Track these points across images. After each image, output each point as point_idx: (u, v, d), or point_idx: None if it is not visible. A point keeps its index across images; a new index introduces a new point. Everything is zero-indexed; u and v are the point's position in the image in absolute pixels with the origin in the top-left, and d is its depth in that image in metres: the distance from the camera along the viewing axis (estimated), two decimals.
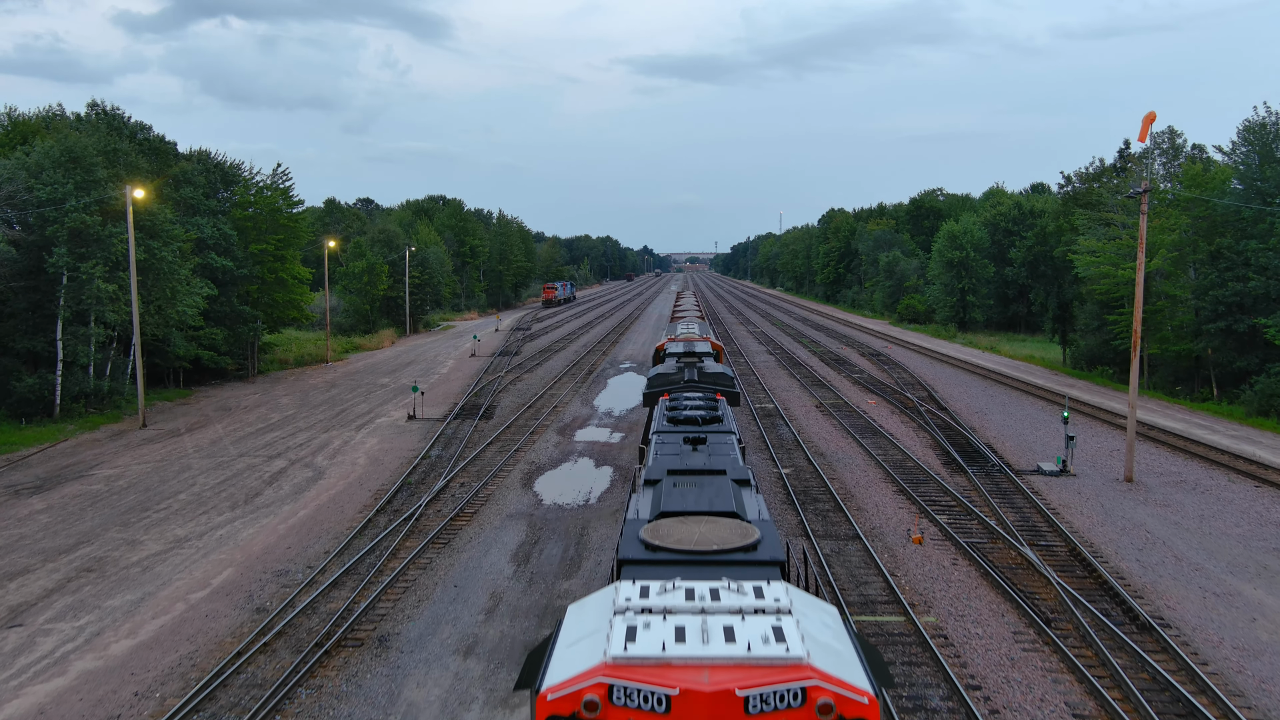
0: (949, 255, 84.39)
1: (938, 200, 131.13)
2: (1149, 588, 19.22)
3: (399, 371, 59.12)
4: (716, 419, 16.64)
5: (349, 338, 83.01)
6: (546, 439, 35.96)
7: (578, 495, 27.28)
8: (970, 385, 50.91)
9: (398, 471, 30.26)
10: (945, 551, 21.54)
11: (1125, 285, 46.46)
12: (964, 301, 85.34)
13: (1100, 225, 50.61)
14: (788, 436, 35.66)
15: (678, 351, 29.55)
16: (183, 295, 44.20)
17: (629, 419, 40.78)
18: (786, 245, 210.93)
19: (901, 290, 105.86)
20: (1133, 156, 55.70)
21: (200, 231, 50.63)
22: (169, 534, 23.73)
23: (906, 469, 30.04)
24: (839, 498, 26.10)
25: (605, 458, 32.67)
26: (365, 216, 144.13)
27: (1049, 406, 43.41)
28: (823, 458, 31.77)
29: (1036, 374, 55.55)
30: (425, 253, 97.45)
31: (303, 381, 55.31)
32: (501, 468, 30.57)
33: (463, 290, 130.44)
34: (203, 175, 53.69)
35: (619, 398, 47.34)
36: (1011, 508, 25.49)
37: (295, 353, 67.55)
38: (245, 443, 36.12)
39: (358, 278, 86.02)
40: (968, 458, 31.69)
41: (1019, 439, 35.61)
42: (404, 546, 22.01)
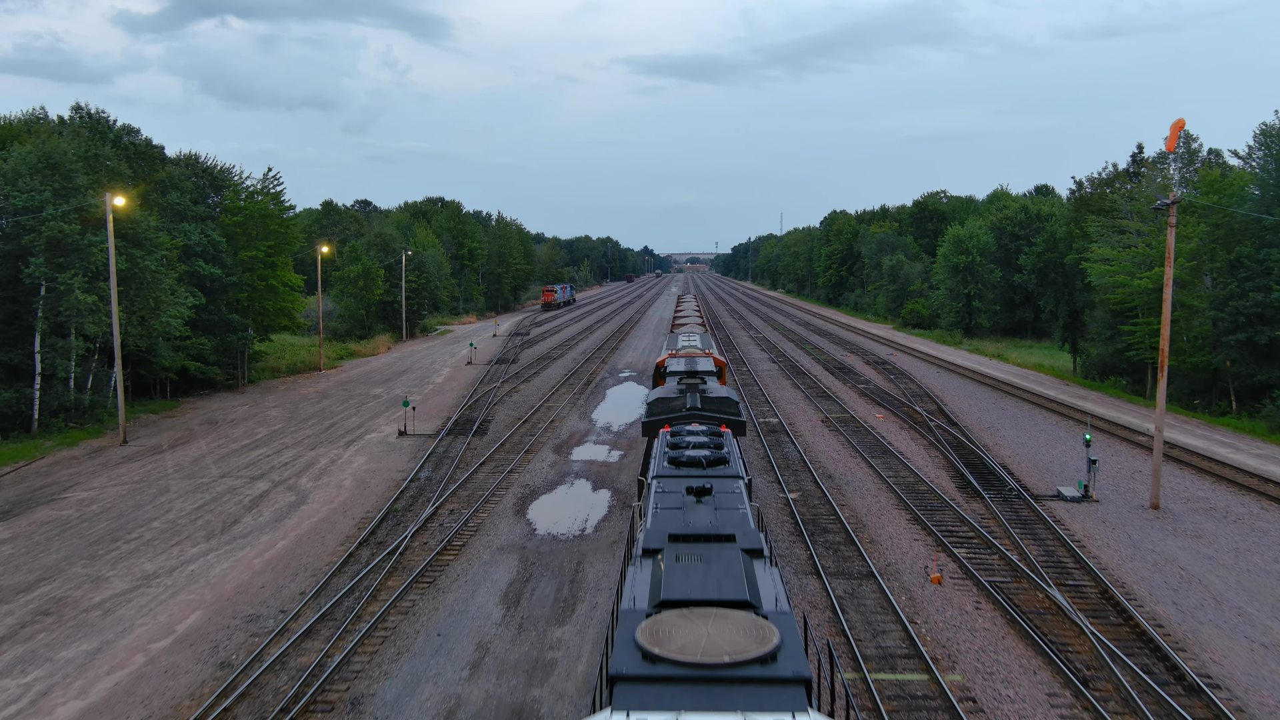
0: (954, 260, 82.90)
1: (941, 203, 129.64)
2: (1190, 637, 17.73)
3: (393, 381, 57.66)
4: (722, 460, 15.17)
5: (344, 343, 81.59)
6: (542, 458, 34.49)
7: (573, 523, 25.81)
8: (980, 397, 49.42)
9: (385, 496, 28.79)
10: (967, 593, 20.05)
11: (1141, 295, 44.98)
12: (969, 307, 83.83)
13: (1114, 232, 49.10)
14: (794, 456, 34.18)
15: (679, 370, 28.07)
16: (167, 305, 42.72)
17: (628, 435, 39.31)
18: (788, 247, 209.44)
19: (905, 294, 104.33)
20: (1147, 161, 54.18)
21: (187, 239, 49.16)
22: (137, 569, 22.26)
23: (919, 494, 28.55)
24: (850, 528, 24.61)
25: (603, 479, 31.19)
26: (363, 219, 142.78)
27: (1063, 421, 41.91)
28: (831, 480, 30.29)
29: (1047, 384, 54.06)
30: (422, 256, 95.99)
31: (294, 391, 53.85)
32: (494, 492, 29.09)
33: (461, 293, 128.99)
34: (190, 180, 52.23)
35: (618, 410, 45.86)
36: (1033, 539, 24.01)
37: (288, 360, 66.12)
38: (228, 461, 34.65)
39: (353, 282, 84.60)
40: (983, 480, 30.20)
41: (1034, 458, 34.12)
42: (385, 587, 20.53)
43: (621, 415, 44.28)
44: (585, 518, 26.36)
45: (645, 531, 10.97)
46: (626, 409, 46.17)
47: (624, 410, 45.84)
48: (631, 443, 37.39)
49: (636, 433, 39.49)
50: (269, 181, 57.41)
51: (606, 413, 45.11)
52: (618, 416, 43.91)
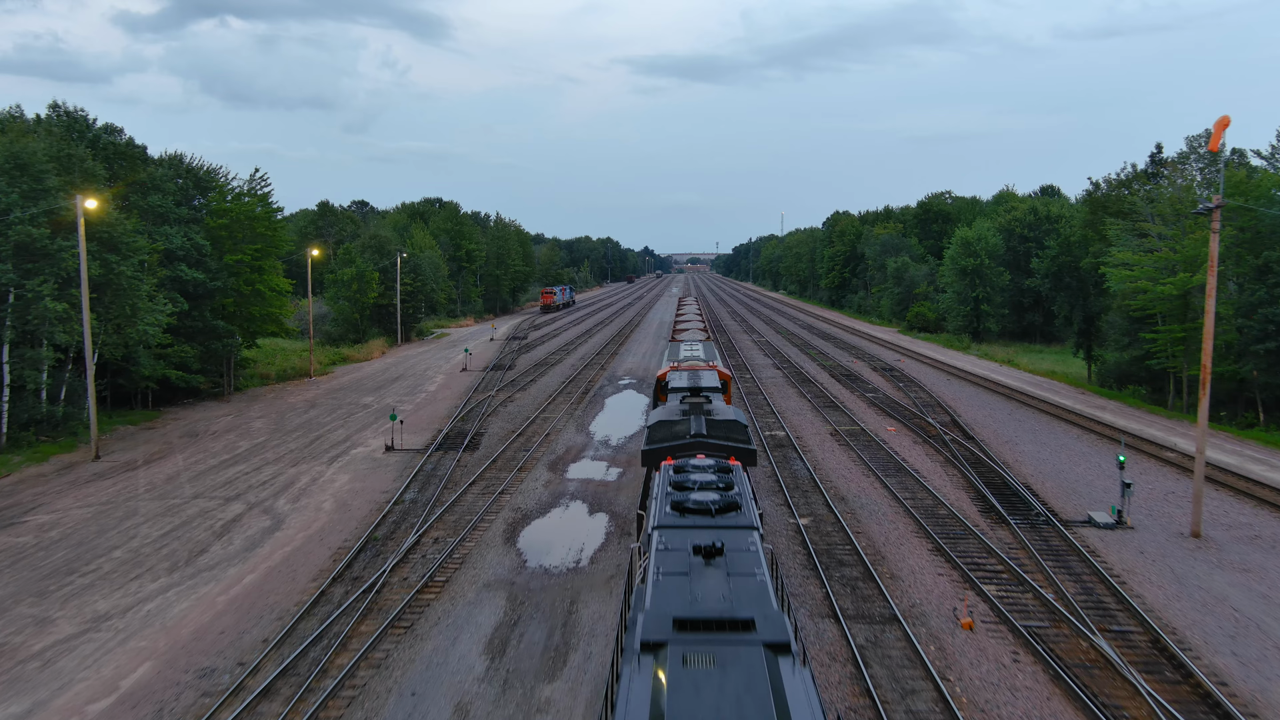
0: (962, 262, 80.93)
1: (946, 204, 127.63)
2: (1259, 698, 15.78)
3: (384, 389, 55.71)
4: (733, 505, 13.22)
5: (337, 348, 79.70)
6: (536, 476, 32.51)
7: (568, 554, 23.84)
8: (994, 407, 47.43)
9: (366, 521, 26.82)
10: (1002, 641, 18.08)
11: (1164, 302, 43.01)
12: (978, 311, 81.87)
13: (1134, 236, 47.12)
14: (803, 474, 32.20)
15: (682, 386, 26.11)
16: (145, 313, 40.77)
17: (628, 449, 37.34)
18: (790, 248, 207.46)
19: (911, 297, 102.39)
20: (1167, 161, 52.20)
21: (169, 242, 47.23)
22: (89, 609, 20.30)
23: (940, 519, 26.58)
24: (868, 560, 22.64)
25: (600, 501, 29.23)
26: (360, 219, 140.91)
27: (1085, 435, 39.93)
28: (844, 503, 28.32)
29: (1062, 393, 52.11)
30: (418, 259, 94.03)
31: (281, 400, 51.92)
32: (483, 516, 27.12)
33: (458, 296, 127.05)
34: (173, 182, 50.30)
35: (617, 422, 43.90)
36: (1068, 573, 22.03)
37: (279, 366, 64.20)
38: (204, 479, 32.70)
39: (347, 285, 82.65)
40: (1007, 504, 28.24)
41: (1058, 477, 32.14)
42: (357, 633, 18.56)
43: (621, 427, 42.32)
44: (580, 547, 24.40)
45: (645, 613, 9.01)
46: (626, 420, 44.22)
47: (623, 422, 43.88)
48: (631, 459, 35.43)
49: (636, 447, 37.53)
50: (256, 182, 55.48)
51: (605, 424, 43.15)
52: (617, 429, 41.95)
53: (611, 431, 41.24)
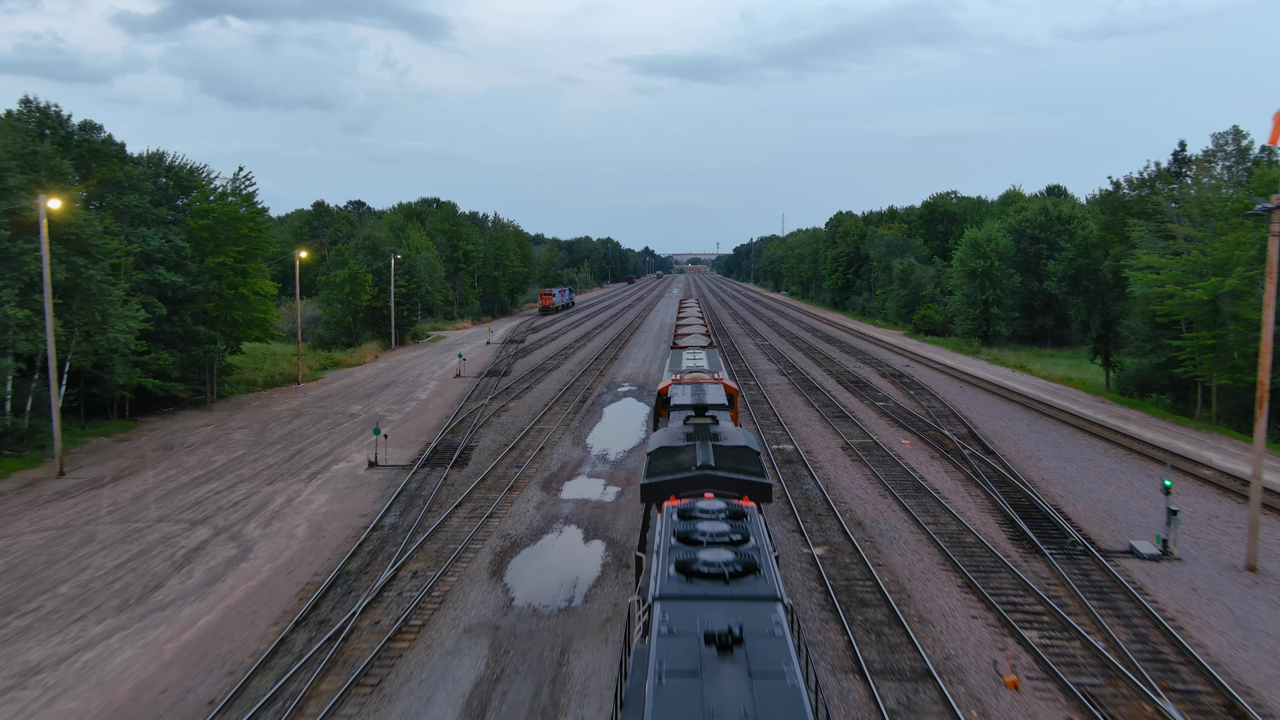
0: (971, 264, 78.67)
1: (951, 204, 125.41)
2: None
3: (374, 396, 53.48)
4: (751, 567, 10.98)
5: (329, 352, 77.53)
6: (528, 497, 30.26)
7: (559, 590, 21.60)
8: (1012, 418, 45.17)
9: (340, 550, 24.58)
10: (1054, 705, 15.84)
11: (1193, 307, 40.74)
12: (987, 314, 79.61)
13: (1159, 238, 44.86)
14: (815, 495, 29.95)
15: (685, 403, 23.86)
16: (115, 319, 38.56)
17: (627, 465, 35.10)
18: (792, 249, 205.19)
19: (917, 300, 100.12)
20: (1191, 160, 49.95)
21: (146, 244, 45.04)
22: (19, 659, 18.07)
23: (967, 548, 24.34)
24: (892, 600, 20.40)
25: (597, 526, 26.98)
26: (355, 220, 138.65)
27: (1112, 450, 37.66)
28: (861, 530, 26.07)
29: (1080, 401, 49.87)
30: (412, 260, 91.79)
31: (266, 409, 49.69)
32: (468, 544, 24.89)
33: (455, 297, 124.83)
34: (150, 181, 48.09)
35: (616, 433, 41.66)
36: (1117, 616, 19.78)
37: (266, 372, 61.99)
38: (173, 499, 30.47)
39: (339, 288, 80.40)
40: (1038, 530, 25.99)
41: (1090, 498, 29.89)
42: (317, 693, 16.32)
43: (620, 440, 40.07)
44: (574, 581, 22.15)
45: None
46: (625, 432, 41.97)
47: (622, 433, 41.63)
48: (630, 476, 33.18)
49: (636, 463, 35.31)
50: (240, 181, 53.25)
51: (603, 437, 40.89)
52: (615, 441, 39.70)
53: (610, 444, 38.99)
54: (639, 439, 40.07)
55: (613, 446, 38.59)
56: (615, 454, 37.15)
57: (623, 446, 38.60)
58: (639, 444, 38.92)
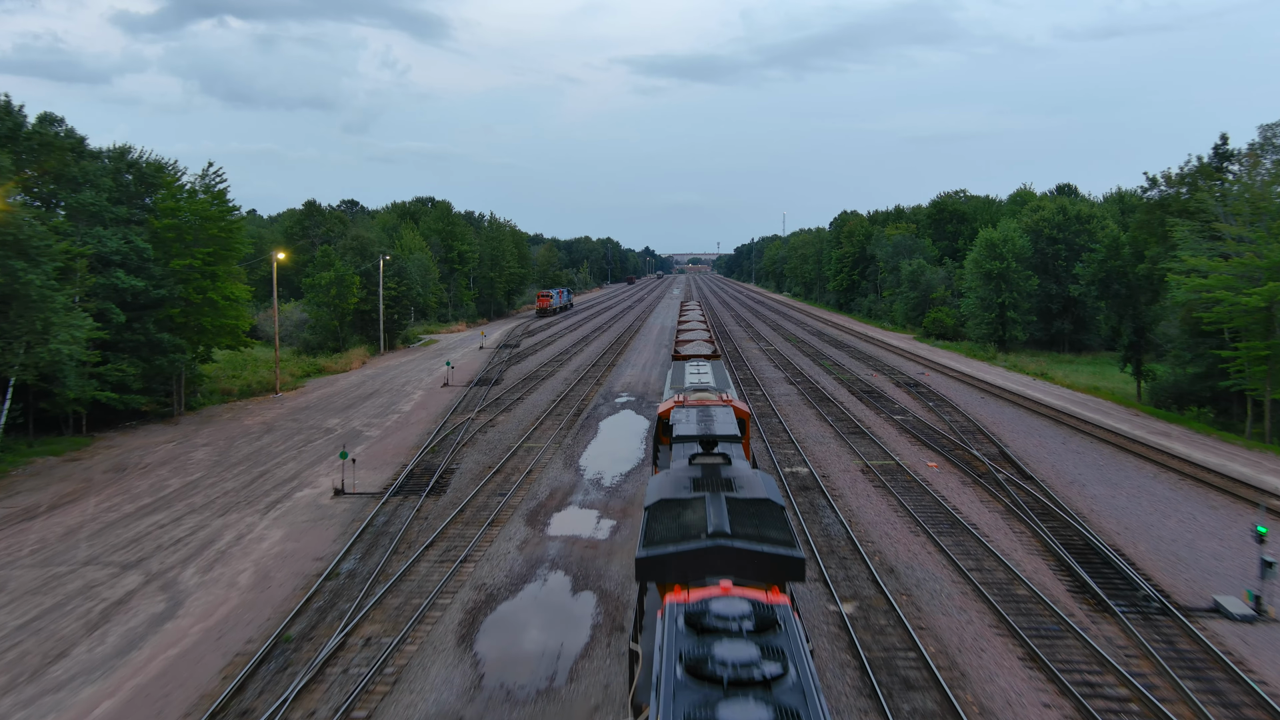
0: (987, 266, 75.05)
1: (960, 203, 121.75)
2: None
3: (354, 408, 49.89)
4: None
5: (314, 358, 73.98)
6: (510, 533, 26.64)
7: (539, 663, 17.99)
8: (1044, 434, 41.55)
9: (284, 607, 20.97)
10: None
11: (1247, 314, 37.14)
12: (1003, 318, 75.99)
13: (1204, 239, 41.22)
14: (836, 531, 26.34)
15: (690, 433, 20.23)
16: (59, 329, 34.97)
17: (624, 492, 31.48)
18: (795, 249, 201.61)
19: (928, 302, 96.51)
20: (1234, 154, 46.31)
21: (102, 245, 41.45)
22: None
23: (1022, 604, 20.72)
24: (942, 678, 16.78)
25: (587, 572, 23.36)
26: (348, 220, 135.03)
27: (1162, 474, 34.04)
28: (894, 578, 22.46)
29: (1113, 414, 46.28)
30: (403, 261, 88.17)
31: (237, 423, 46.10)
32: (435, 597, 21.27)
33: (450, 299, 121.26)
34: (108, 177, 44.50)
35: (612, 452, 38.06)
36: (1221, 703, 16.17)
37: (245, 380, 58.38)
38: (109, 535, 26.89)
39: (325, 290, 76.77)
40: (1100, 578, 22.38)
41: (1150, 535, 26.28)
42: None
43: (616, 460, 36.45)
44: (558, 651, 18.53)
45: None
46: (622, 451, 38.35)
47: (619, 452, 38.02)
48: (627, 506, 29.56)
49: (633, 489, 31.71)
50: (210, 178, 49.65)
51: (598, 456, 37.28)
52: (612, 462, 36.09)
53: (605, 466, 35.37)
54: (637, 459, 36.48)
55: (608, 469, 34.97)
56: (611, 478, 33.53)
57: (619, 469, 34.98)
58: (637, 465, 35.33)
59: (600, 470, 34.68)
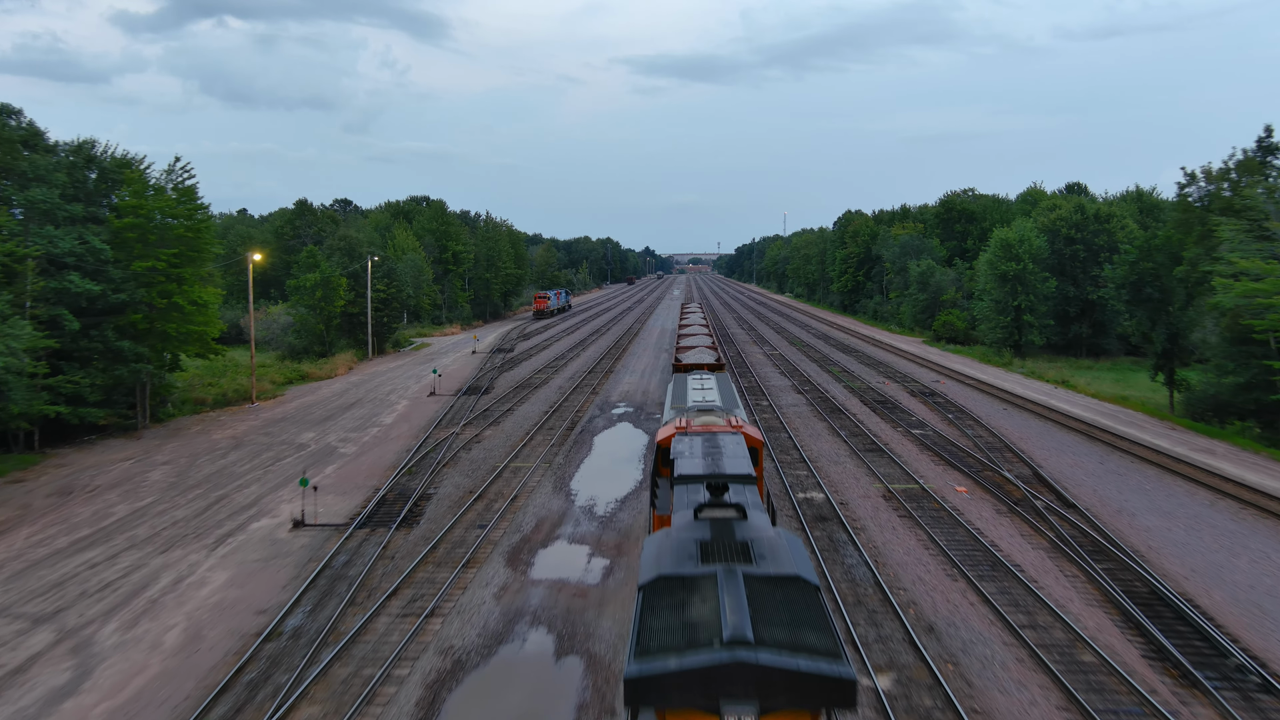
0: (1002, 267, 71.66)
1: (970, 202, 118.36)
2: None
3: (333, 420, 46.55)
4: None
5: (299, 363, 70.66)
6: (487, 576, 23.27)
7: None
8: (1078, 451, 38.19)
9: (210, 678, 17.60)
10: None
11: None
12: (1019, 321, 72.61)
13: (1254, 240, 37.87)
14: (862, 575, 22.97)
15: (694, 472, 16.86)
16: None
17: (618, 522, 28.13)
18: (797, 249, 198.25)
19: (938, 304, 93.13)
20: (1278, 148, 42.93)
21: (53, 246, 38.13)
22: None
23: (1092, 676, 17.35)
24: None
25: (574, 629, 19.98)
26: (341, 219, 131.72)
27: (1219, 500, 30.65)
28: (935, 640, 19.09)
29: (1147, 427, 42.93)
30: (393, 262, 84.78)
31: (205, 436, 42.78)
32: (391, 667, 17.91)
33: (444, 301, 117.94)
34: (64, 172, 41.18)
35: (608, 473, 34.72)
36: None
37: (222, 389, 55.05)
38: (31, 576, 23.55)
39: (310, 293, 73.39)
40: (1177, 637, 19.01)
41: (1220, 577, 22.92)
42: None
43: (612, 483, 33.10)
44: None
45: None
46: (619, 471, 34.99)
47: (615, 473, 34.67)
48: (622, 541, 26.20)
49: (628, 518, 28.37)
50: (176, 173, 46.28)
51: (592, 478, 33.92)
52: (607, 485, 32.73)
53: (599, 490, 32.00)
54: (634, 481, 33.12)
55: (602, 493, 31.60)
56: (605, 504, 30.17)
57: (614, 492, 31.63)
58: (634, 489, 31.97)
59: (593, 495, 31.30)
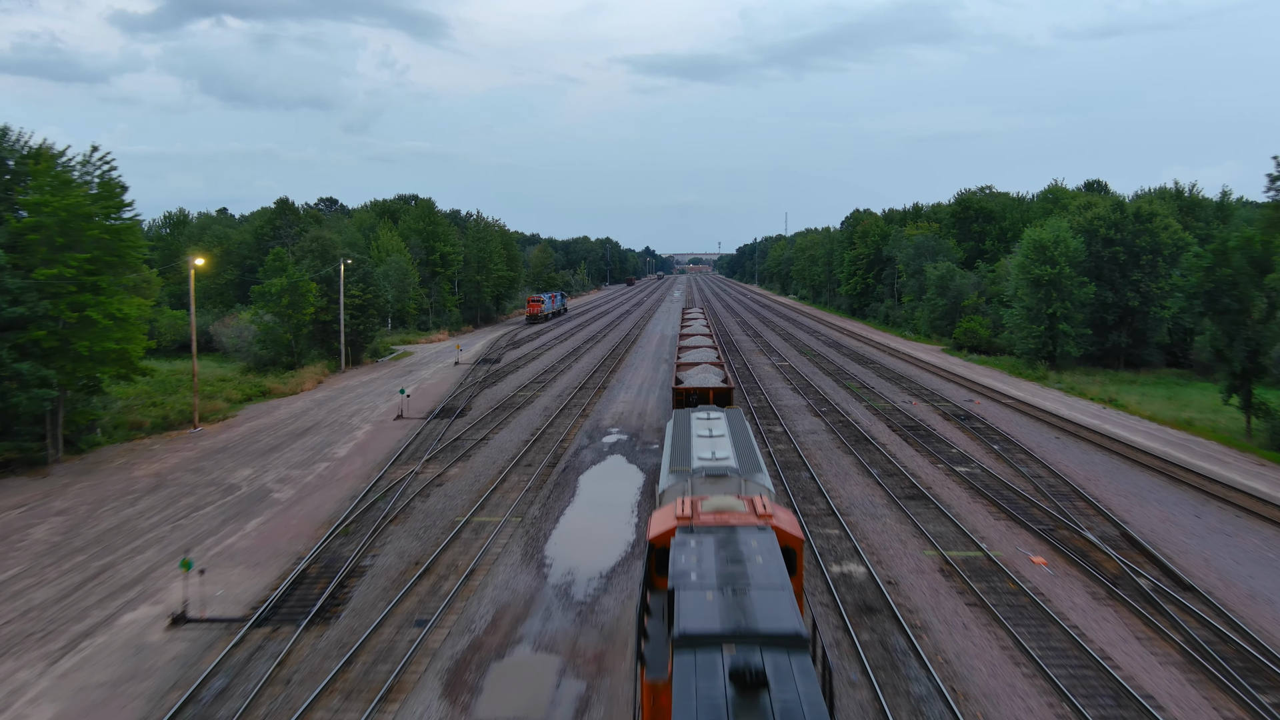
0: (1036, 271, 65.05)
1: (987, 200, 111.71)
2: None
3: (280, 450, 40.03)
4: None
5: (263, 376, 64.21)
6: (412, 715, 16.68)
7: None
8: (1163, 499, 31.59)
9: None
10: None
11: None
12: (1053, 331, 66.03)
13: None
14: (937, 715, 16.38)
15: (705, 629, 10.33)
16: None
17: (601, 615, 21.53)
18: (802, 250, 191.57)
19: (958, 310, 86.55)
20: None
21: None
22: None
23: None
24: None
25: None
26: (324, 218, 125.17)
27: None
28: None
29: (1233, 462, 36.44)
30: (369, 266, 78.16)
31: (125, 473, 36.32)
32: None
33: (431, 305, 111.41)
34: None
35: (592, 529, 28.17)
36: None
37: (166, 409, 48.54)
38: None
39: (276, 299, 66.83)
40: None
41: None
42: None
43: (596, 547, 26.52)
44: None
45: None
46: (606, 528, 28.42)
47: (601, 530, 28.11)
48: (604, 651, 19.61)
49: (615, 606, 21.82)
50: (92, 165, 39.73)
51: (572, 540, 27.34)
52: (589, 552, 26.15)
53: (580, 559, 25.42)
54: (626, 544, 26.58)
55: (584, 563, 25.02)
56: (587, 581, 23.59)
57: (599, 563, 25.05)
58: (624, 558, 25.42)
59: (572, 567, 24.72)
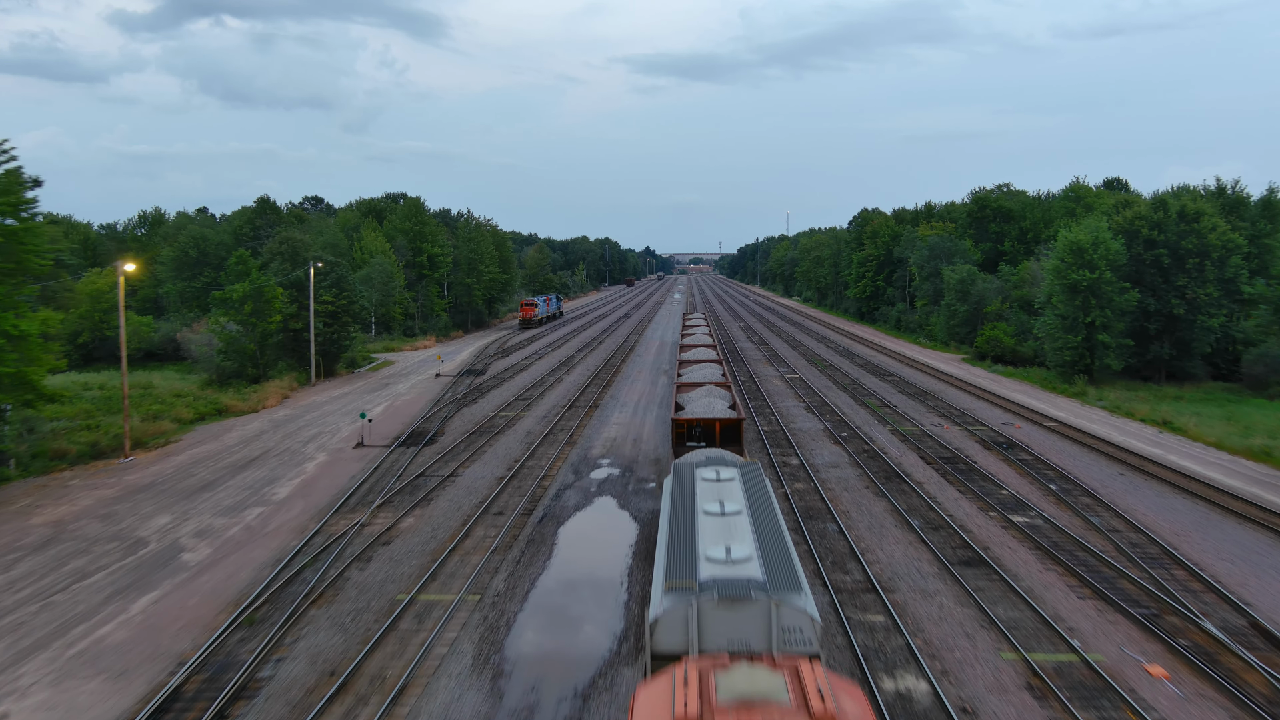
0: (1073, 276, 59.00)
1: (1005, 199, 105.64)
2: None
3: (213, 488, 34.05)
4: None
5: (224, 390, 58.31)
6: None
7: None
8: None
9: None
10: None
11: None
12: (1091, 341, 59.97)
13: None
14: None
15: None
16: None
17: None
18: (806, 251, 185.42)
19: (980, 317, 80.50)
20: None
21: None
22: None
23: None
24: None
25: None
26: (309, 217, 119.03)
27: None
28: None
29: None
30: (343, 269, 72.04)
31: (21, 520, 30.42)
32: None
33: (418, 310, 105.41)
34: None
35: (571, 608, 22.12)
36: None
37: (105, 431, 42.65)
38: None
39: (239, 306, 60.81)
40: None
41: None
42: None
43: (574, 640, 20.47)
44: None
45: None
46: (589, 605, 22.36)
47: (582, 609, 22.05)
48: None
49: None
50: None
51: (543, 627, 21.27)
52: (564, 647, 20.09)
53: (551, 662, 19.33)
54: (611, 642, 20.51)
55: (554, 673, 18.92)
56: (555, 708, 17.51)
57: (575, 673, 18.96)
58: (608, 662, 19.36)
59: (538, 679, 18.63)
